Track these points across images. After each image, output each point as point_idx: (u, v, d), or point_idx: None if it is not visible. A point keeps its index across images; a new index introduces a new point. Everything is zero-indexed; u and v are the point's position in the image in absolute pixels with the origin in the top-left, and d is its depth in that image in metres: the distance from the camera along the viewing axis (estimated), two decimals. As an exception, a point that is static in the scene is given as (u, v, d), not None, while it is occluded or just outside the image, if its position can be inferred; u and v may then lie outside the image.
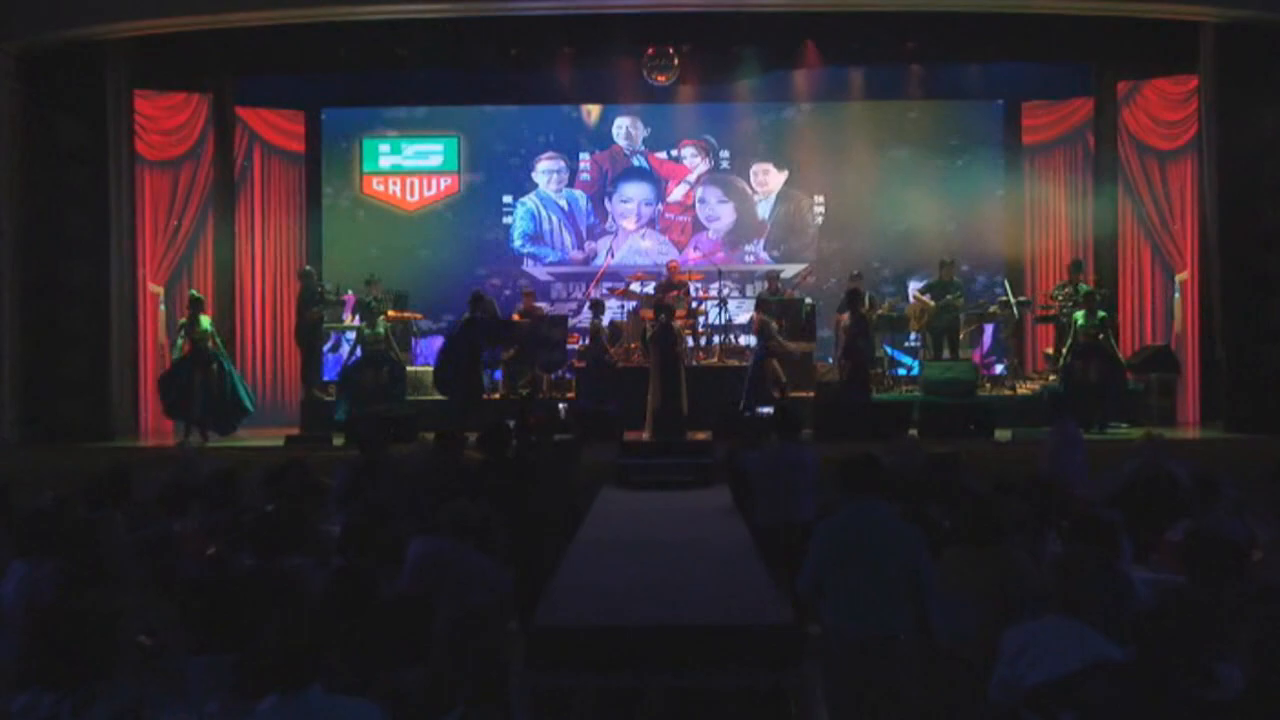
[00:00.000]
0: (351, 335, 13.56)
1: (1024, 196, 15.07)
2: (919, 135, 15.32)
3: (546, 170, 15.61)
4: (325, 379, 13.94)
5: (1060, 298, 13.08)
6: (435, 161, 15.53)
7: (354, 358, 12.77)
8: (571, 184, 15.64)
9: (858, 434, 10.67)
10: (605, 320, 13.24)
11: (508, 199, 15.61)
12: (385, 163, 15.51)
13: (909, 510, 5.51)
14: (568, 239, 15.61)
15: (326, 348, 14.10)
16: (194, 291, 12.78)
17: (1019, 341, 14.39)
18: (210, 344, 12.20)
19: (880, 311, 13.54)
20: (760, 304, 13.78)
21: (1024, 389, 13.24)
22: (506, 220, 15.61)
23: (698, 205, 15.64)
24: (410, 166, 15.52)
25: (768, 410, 8.46)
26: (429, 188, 15.56)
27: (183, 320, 12.28)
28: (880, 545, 4.50)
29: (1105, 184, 14.05)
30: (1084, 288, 12.60)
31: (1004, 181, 15.21)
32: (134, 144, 13.21)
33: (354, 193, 15.46)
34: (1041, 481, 6.21)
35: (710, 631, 5.24)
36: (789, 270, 15.02)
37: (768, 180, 15.58)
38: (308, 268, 14.01)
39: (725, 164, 15.64)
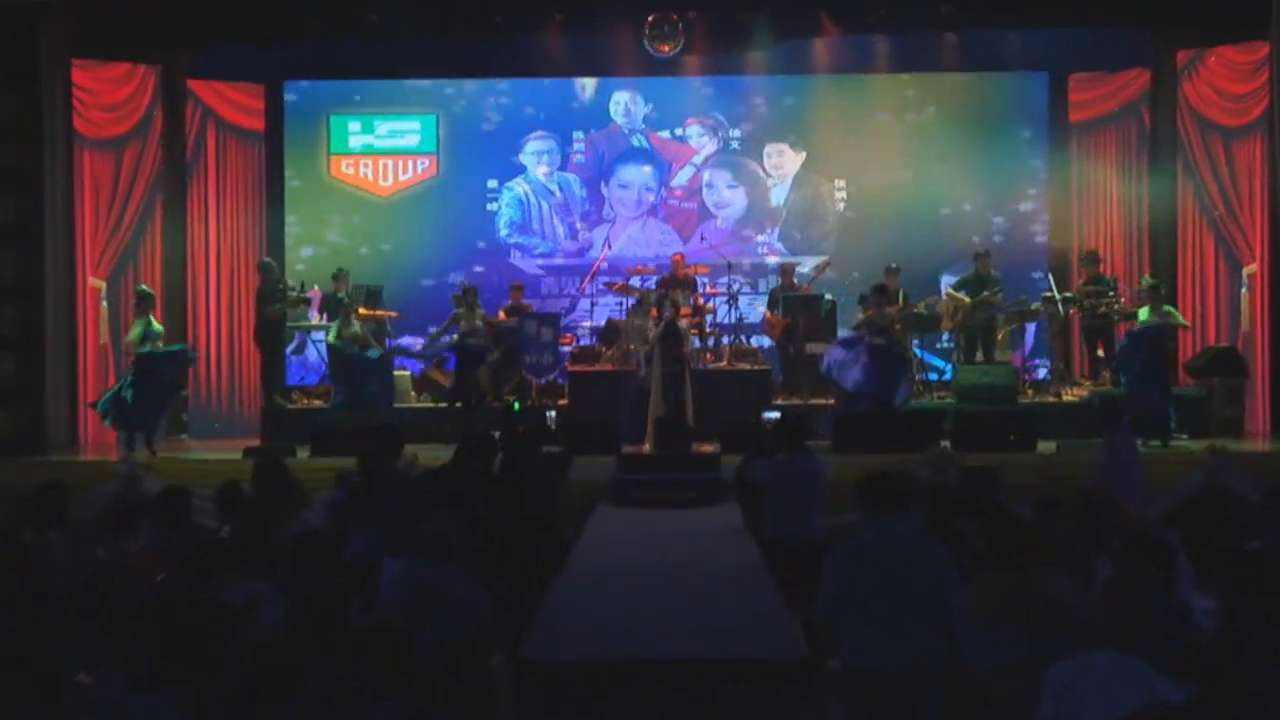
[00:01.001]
0: (319, 335, 13.57)
1: (1070, 180, 15.07)
2: (953, 112, 15.31)
3: (536, 152, 15.62)
4: (288, 384, 13.96)
5: (1089, 295, 13.10)
6: (411, 142, 15.52)
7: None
8: (564, 167, 15.65)
9: (883, 445, 10.69)
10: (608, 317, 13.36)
11: (492, 183, 15.60)
12: (355, 143, 15.50)
13: (940, 530, 5.51)
14: (559, 228, 15.63)
15: (289, 349, 14.12)
16: (142, 287, 12.78)
17: (1064, 342, 14.39)
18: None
19: (915, 309, 13.55)
20: (774, 300, 13.81)
21: (1070, 395, 13.25)
22: (491, 207, 15.60)
23: (705, 190, 15.66)
24: (383, 147, 15.51)
25: (772, 415, 8.52)
26: (404, 171, 15.56)
27: (142, 321, 12.11)
28: (906, 568, 4.50)
29: (1162, 165, 14.07)
30: (1146, 280, 12.59)
31: (1048, 163, 15.20)
32: (72, 120, 13.22)
33: (321, 176, 15.46)
34: (1090, 498, 6.21)
35: (717, 666, 5.25)
36: (806, 263, 15.03)
37: (783, 163, 15.59)
38: (268, 259, 14.03)
39: (735, 144, 15.64)
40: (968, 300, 13.30)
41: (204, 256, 14.67)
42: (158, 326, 12.28)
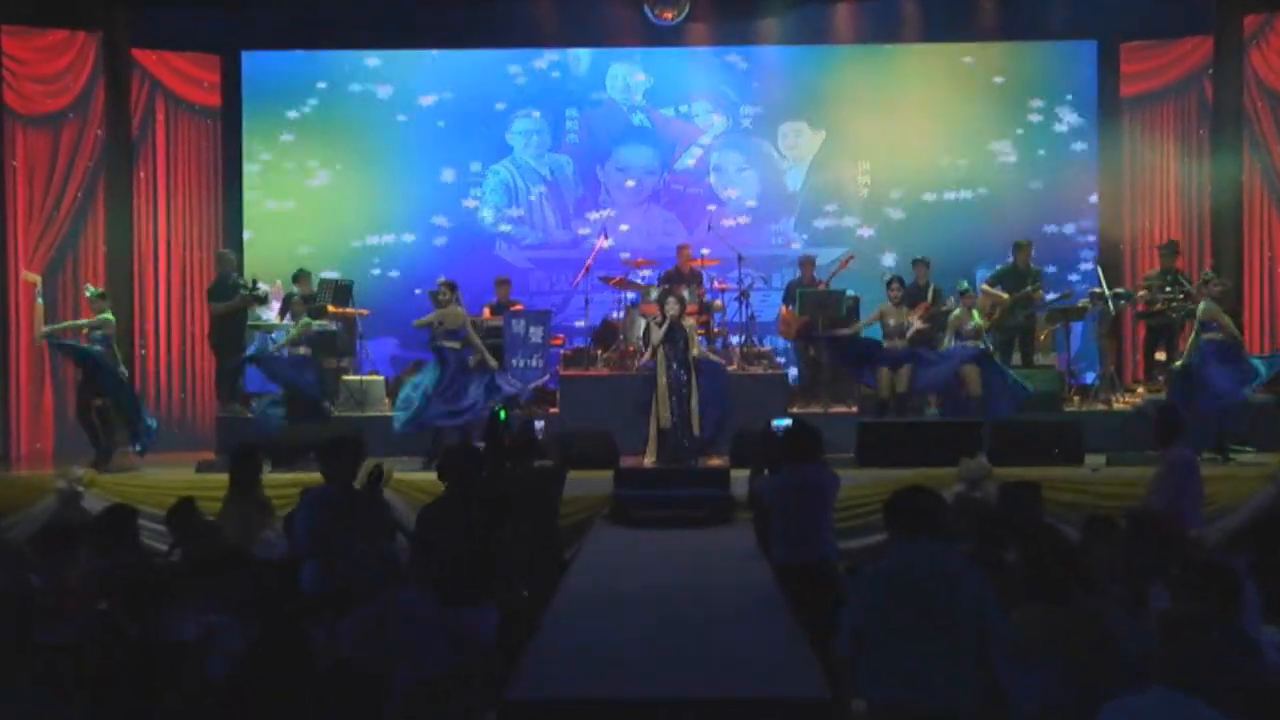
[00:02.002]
0: (279, 335, 13.57)
1: (1122, 161, 15.11)
2: (990, 86, 15.35)
3: (524, 131, 15.65)
4: (248, 390, 13.95)
5: (1152, 288, 13.09)
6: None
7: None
8: (556, 148, 15.69)
9: (911, 459, 10.69)
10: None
11: (476, 166, 15.64)
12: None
13: (976, 555, 5.50)
14: (551, 216, 15.65)
15: (251, 351, 13.98)
16: (92, 287, 12.68)
17: (1116, 343, 14.39)
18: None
19: (946, 307, 13.55)
20: (790, 295, 13.80)
21: (1121, 403, 13.24)
22: (475, 193, 15.65)
23: (713, 174, 15.68)
24: (353, 126, 15.62)
25: (782, 424, 8.53)
26: (376, 152, 15.67)
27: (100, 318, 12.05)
28: (939, 598, 4.50)
29: (1226, 144, 14.08)
30: (1207, 274, 12.59)
31: (1097, 143, 15.24)
32: (1, 94, 13.22)
33: (283, 157, 15.51)
34: (1145, 519, 6.20)
35: (725, 706, 5.24)
36: (825, 255, 15.01)
37: (800, 143, 15.63)
38: (225, 251, 14.05)
39: (747, 123, 15.68)
40: (1006, 297, 13.29)
41: (153, 248, 14.71)
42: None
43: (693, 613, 7.03)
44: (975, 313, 12.23)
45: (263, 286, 13.53)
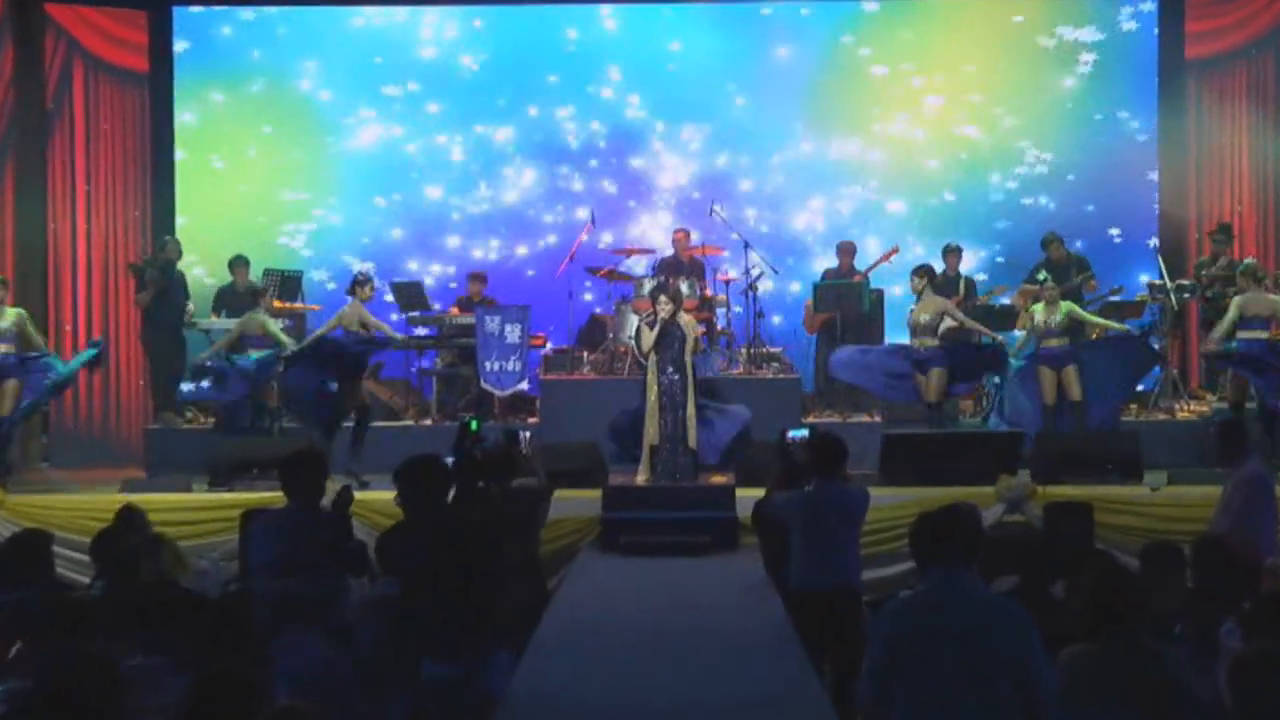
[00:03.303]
0: (219, 332, 13.57)
1: (1186, 133, 15.13)
2: (1032, 45, 15.37)
3: (496, 96, 15.63)
4: (183, 396, 13.92)
5: (1207, 278, 13.11)
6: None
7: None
8: (534, 117, 15.64)
9: (944, 475, 10.69)
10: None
11: (442, 138, 15.63)
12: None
13: (1018, 588, 5.50)
14: (525, 192, 15.63)
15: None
16: None
17: (1180, 343, 14.40)
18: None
19: (983, 301, 13.56)
20: (815, 290, 13.78)
21: (1186, 412, 13.25)
22: (441, 173, 15.65)
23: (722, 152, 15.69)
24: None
25: (799, 435, 8.52)
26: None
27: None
28: (975, 638, 4.50)
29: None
30: (1248, 263, 12.60)
31: (1158, 112, 15.26)
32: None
33: (222, 130, 15.49)
34: (1213, 546, 6.20)
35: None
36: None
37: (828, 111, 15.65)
38: (172, 238, 14.01)
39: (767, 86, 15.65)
40: (1055, 288, 13.25)
41: (70, 232, 14.67)
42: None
43: (693, 655, 7.02)
44: (1063, 304, 12.24)
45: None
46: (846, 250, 14.23)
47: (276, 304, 13.33)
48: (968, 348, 12.51)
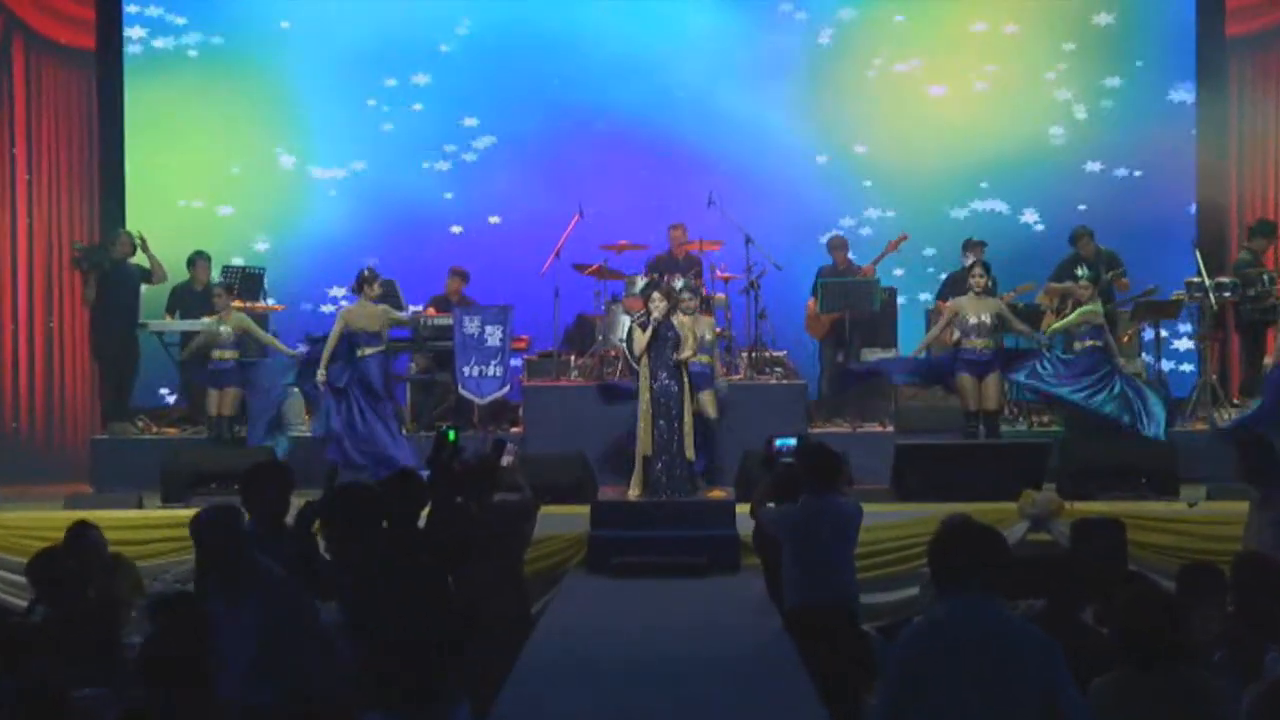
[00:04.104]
0: (175, 338, 13.56)
1: (1227, 117, 15.18)
2: (1065, 22, 15.46)
3: (476, 73, 15.69)
4: (136, 404, 13.91)
5: (1247, 276, 13.13)
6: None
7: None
8: (517, 96, 15.70)
9: (962, 491, 10.68)
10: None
11: (418, 120, 15.65)
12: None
13: (1045, 613, 5.49)
14: (507, 182, 15.64)
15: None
16: None
17: (1219, 346, 14.40)
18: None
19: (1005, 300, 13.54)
20: (818, 286, 13.76)
21: (1226, 421, 13.24)
22: (424, 161, 15.69)
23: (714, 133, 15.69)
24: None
25: (787, 443, 8.55)
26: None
27: None
28: (997, 668, 4.49)
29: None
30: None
31: (1196, 94, 15.32)
32: None
33: (176, 114, 15.48)
34: (1254, 565, 6.20)
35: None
36: (862, 239, 15.00)
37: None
38: (129, 231, 13.97)
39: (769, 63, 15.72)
40: (1086, 288, 13.25)
41: (10, 226, 14.64)
42: None
43: (689, 686, 7.02)
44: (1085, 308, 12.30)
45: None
46: (839, 245, 14.18)
47: (236, 304, 13.29)
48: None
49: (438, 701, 5.08)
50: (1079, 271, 12.68)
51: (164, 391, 14.58)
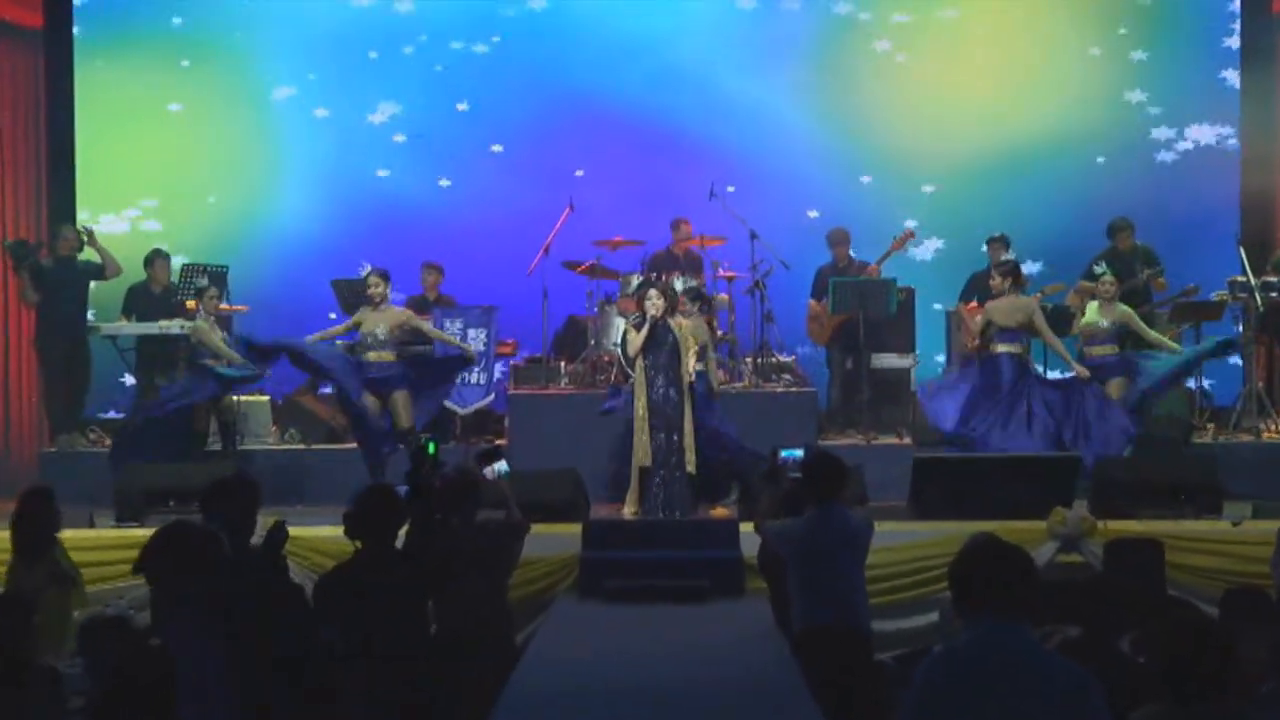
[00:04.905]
0: (128, 339, 13.54)
1: (1274, 100, 15.20)
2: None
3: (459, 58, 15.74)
4: (88, 414, 13.88)
5: None
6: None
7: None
8: (503, 81, 15.75)
9: (986, 509, 10.68)
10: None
11: (387, 113, 15.72)
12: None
13: (1078, 641, 5.47)
14: (493, 175, 15.68)
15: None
16: None
17: (1267, 352, 14.41)
18: None
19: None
20: (820, 285, 13.75)
21: (1272, 433, 13.26)
22: (399, 139, 15.73)
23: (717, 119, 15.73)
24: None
25: (793, 455, 8.54)
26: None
27: None
28: (1026, 699, 4.47)
29: None
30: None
31: (1241, 75, 15.37)
32: None
33: (132, 98, 15.48)
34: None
35: None
36: (873, 233, 14.98)
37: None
38: (69, 226, 13.95)
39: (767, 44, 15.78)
40: (1113, 285, 13.25)
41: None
42: None
43: (687, 717, 7.00)
44: (1119, 307, 12.40)
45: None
46: (840, 240, 14.17)
47: (190, 305, 13.26)
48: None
49: None
50: (1097, 269, 12.61)
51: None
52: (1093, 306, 12.38)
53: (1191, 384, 13.71)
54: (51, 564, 7.90)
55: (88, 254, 13.67)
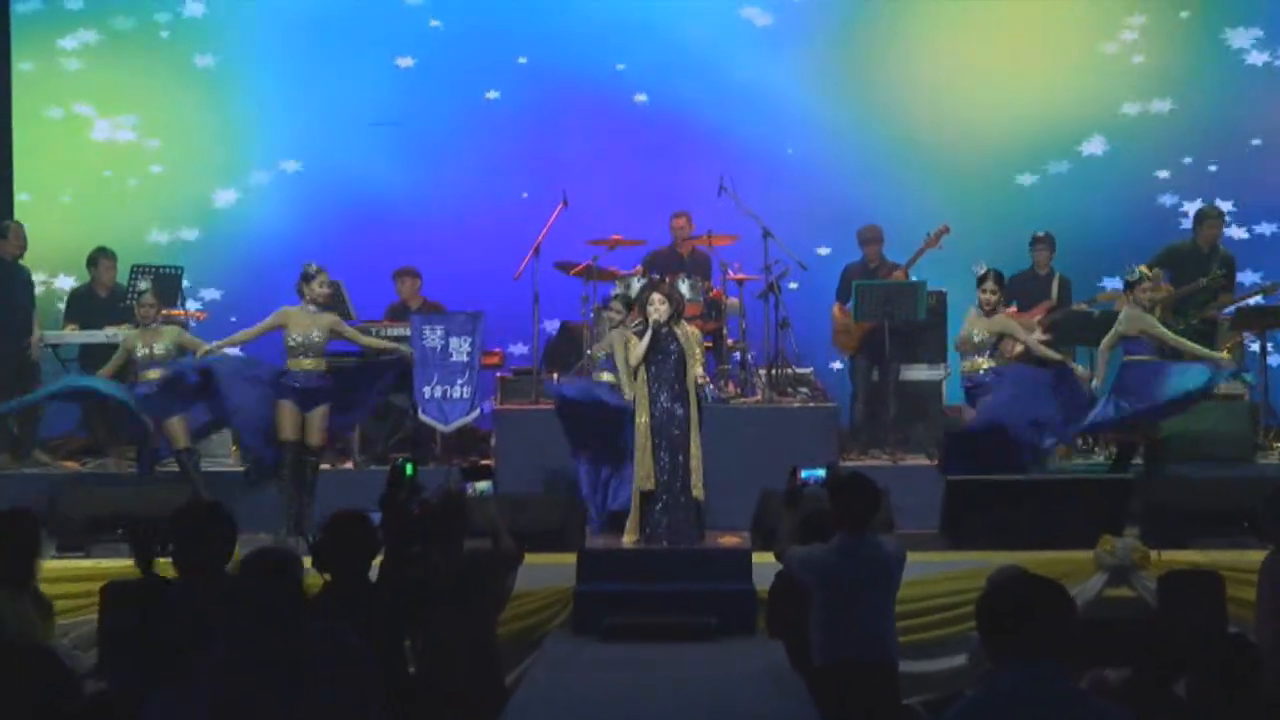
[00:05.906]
0: (71, 348, 13.56)
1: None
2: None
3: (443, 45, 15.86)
4: (44, 434, 13.89)
5: None
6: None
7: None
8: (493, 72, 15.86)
9: (1022, 538, 10.68)
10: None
11: (372, 97, 15.77)
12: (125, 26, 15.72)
13: (1127, 682, 5.46)
14: (477, 169, 15.73)
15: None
16: None
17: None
18: None
19: (1079, 307, 13.56)
20: (845, 287, 13.75)
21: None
22: (375, 141, 15.82)
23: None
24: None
25: (815, 475, 8.52)
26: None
27: None
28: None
29: None
30: None
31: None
32: None
33: (73, 83, 15.58)
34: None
35: None
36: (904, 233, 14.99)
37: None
38: (13, 222, 14.01)
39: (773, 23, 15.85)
40: (1167, 289, 13.27)
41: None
42: None
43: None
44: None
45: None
46: (872, 238, 14.16)
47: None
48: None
49: None
50: (1140, 269, 12.44)
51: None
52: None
53: (1255, 398, 13.71)
54: (35, 594, 7.86)
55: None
